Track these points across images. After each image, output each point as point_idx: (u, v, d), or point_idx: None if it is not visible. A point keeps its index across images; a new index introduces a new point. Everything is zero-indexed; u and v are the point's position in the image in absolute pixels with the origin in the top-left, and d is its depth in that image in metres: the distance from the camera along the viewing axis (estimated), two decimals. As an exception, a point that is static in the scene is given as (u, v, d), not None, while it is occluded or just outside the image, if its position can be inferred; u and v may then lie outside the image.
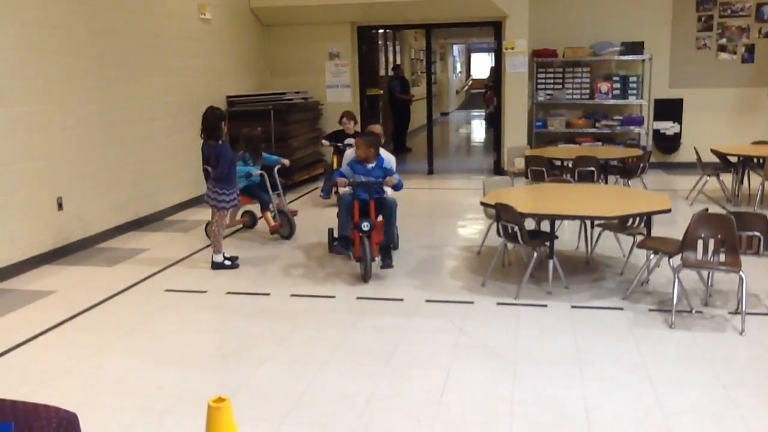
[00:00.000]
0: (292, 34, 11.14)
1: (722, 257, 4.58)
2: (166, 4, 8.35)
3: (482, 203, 5.75)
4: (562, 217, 5.48)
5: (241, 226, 7.61)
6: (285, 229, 7.16)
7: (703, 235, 4.59)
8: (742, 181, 8.40)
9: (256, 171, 7.04)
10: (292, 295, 5.37)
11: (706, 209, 4.86)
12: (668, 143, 11.15)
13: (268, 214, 7.07)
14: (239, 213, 7.28)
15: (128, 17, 7.61)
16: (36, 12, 6.25)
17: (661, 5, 10.82)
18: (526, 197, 5.98)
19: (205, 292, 5.53)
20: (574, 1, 10.99)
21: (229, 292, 5.50)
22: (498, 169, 11.10)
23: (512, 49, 10.56)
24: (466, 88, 30.73)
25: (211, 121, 6.00)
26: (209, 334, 4.70)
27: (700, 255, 4.62)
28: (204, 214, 8.46)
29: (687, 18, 10.81)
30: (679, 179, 10.10)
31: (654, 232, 5.48)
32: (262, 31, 11.11)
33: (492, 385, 3.77)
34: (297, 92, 10.51)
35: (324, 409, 3.57)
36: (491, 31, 11.17)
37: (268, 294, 5.42)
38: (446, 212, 8.63)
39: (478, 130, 21.10)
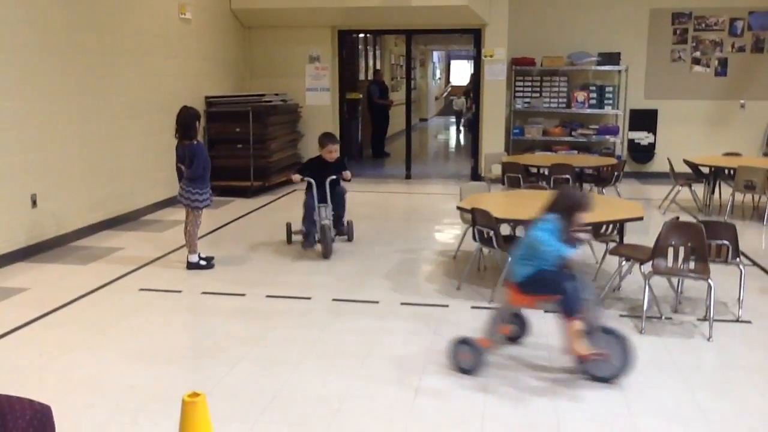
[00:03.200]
0: (273, 36, 11.14)
1: (692, 265, 4.68)
2: (146, 3, 8.32)
3: (459, 208, 5.80)
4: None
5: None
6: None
7: (673, 243, 4.68)
8: (713, 192, 8.56)
9: (571, 253, 3.91)
10: (268, 296, 5.38)
11: (677, 218, 4.96)
12: (643, 153, 11.32)
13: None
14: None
15: (107, 15, 7.56)
16: (13, 8, 6.19)
17: (637, 17, 11.00)
18: (502, 203, 6.06)
19: (179, 291, 5.51)
20: (553, 11, 11.13)
21: (204, 292, 5.48)
22: (475, 175, 11.19)
23: (491, 56, 10.66)
24: (445, 94, 30.88)
25: (186, 119, 5.99)
26: (183, 334, 4.68)
27: (670, 262, 4.71)
28: (180, 214, 8.42)
29: (663, 30, 11.00)
30: (652, 188, 10.25)
31: (626, 240, 5.57)
32: (243, 33, 11.09)
33: (464, 388, 3.81)
34: (276, 94, 10.51)
35: (298, 409, 3.58)
36: (471, 39, 11.27)
37: (243, 294, 5.42)
38: (423, 217, 8.68)
39: (456, 137, 21.22)
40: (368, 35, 15.74)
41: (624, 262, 5.19)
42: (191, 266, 6.09)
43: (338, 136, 11.35)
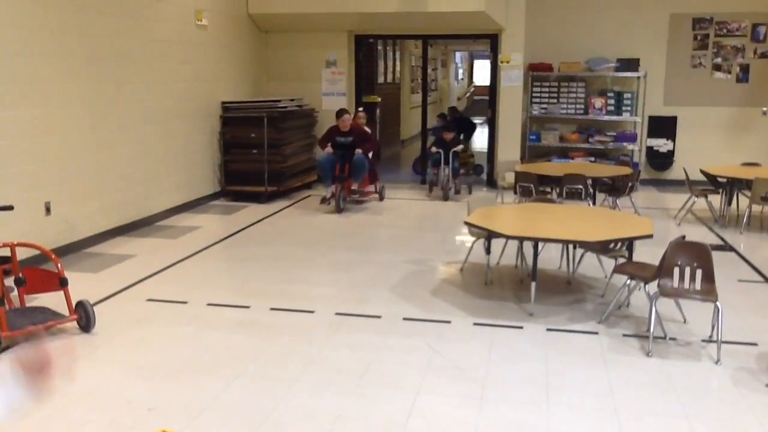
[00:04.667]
0: (290, 40, 11.17)
1: (698, 283, 4.60)
2: (162, 10, 8.39)
3: (466, 223, 5.77)
4: (544, 240, 5.48)
5: None
6: None
7: (679, 263, 4.61)
8: (729, 203, 8.41)
9: None
10: (272, 309, 5.40)
11: (683, 237, 4.88)
12: (661, 160, 11.17)
13: None
14: None
15: (123, 22, 7.64)
16: (29, 15, 6.28)
17: (657, 23, 10.85)
18: (511, 217, 6.01)
19: (185, 303, 5.55)
20: (571, 16, 11.02)
21: (209, 304, 5.52)
22: (490, 182, 11.14)
23: (508, 62, 10.59)
24: (468, 94, 30.71)
25: None
26: (184, 347, 4.71)
27: (676, 283, 4.63)
28: (193, 220, 8.50)
29: (683, 36, 10.84)
30: (671, 197, 10.11)
31: (638, 252, 5.51)
32: (260, 37, 11.14)
33: (458, 409, 3.80)
34: (292, 99, 10.54)
35: (290, 428, 3.59)
36: (489, 43, 11.19)
37: (248, 307, 5.45)
38: (436, 225, 8.65)
39: (478, 138, 21.03)
40: (387, 38, 15.67)
41: (630, 281, 5.13)
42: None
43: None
